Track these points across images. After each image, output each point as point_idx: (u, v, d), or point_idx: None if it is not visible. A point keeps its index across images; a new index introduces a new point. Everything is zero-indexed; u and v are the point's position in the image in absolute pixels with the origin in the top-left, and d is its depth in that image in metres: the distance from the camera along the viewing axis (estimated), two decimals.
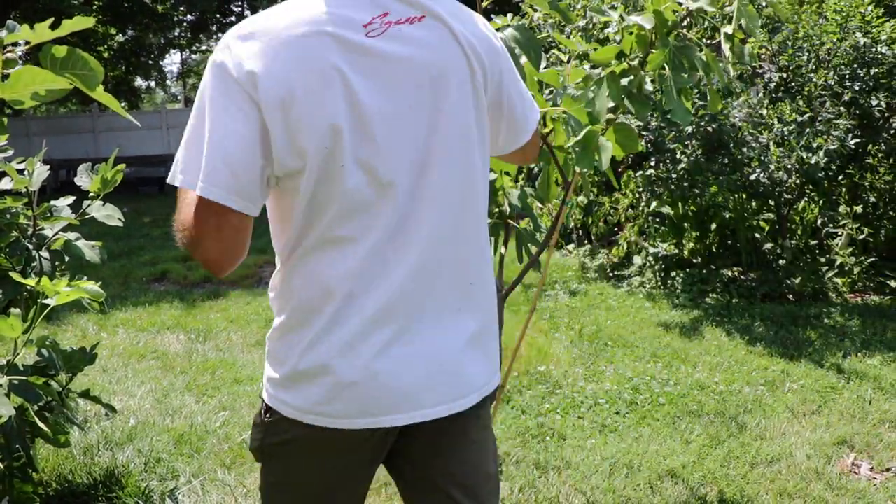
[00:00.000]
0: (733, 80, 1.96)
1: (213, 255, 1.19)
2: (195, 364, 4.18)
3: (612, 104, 1.73)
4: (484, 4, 1.79)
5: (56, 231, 2.35)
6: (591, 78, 1.77)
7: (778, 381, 3.74)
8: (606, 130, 1.75)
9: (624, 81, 1.74)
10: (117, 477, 2.84)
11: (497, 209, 2.22)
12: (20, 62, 1.22)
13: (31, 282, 1.82)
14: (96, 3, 17.65)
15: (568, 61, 2.27)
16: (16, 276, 1.89)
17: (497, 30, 1.62)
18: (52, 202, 2.40)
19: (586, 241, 6.95)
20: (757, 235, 5.70)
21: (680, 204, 5.84)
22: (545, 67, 1.82)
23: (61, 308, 1.85)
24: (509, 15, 1.79)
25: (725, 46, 1.83)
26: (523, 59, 1.61)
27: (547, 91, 2.23)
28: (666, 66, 1.73)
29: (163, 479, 2.87)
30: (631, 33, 1.77)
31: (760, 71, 5.50)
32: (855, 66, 5.08)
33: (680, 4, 1.76)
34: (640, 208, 6.02)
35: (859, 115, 5.16)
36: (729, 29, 1.82)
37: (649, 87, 1.74)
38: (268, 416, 1.29)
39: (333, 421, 1.22)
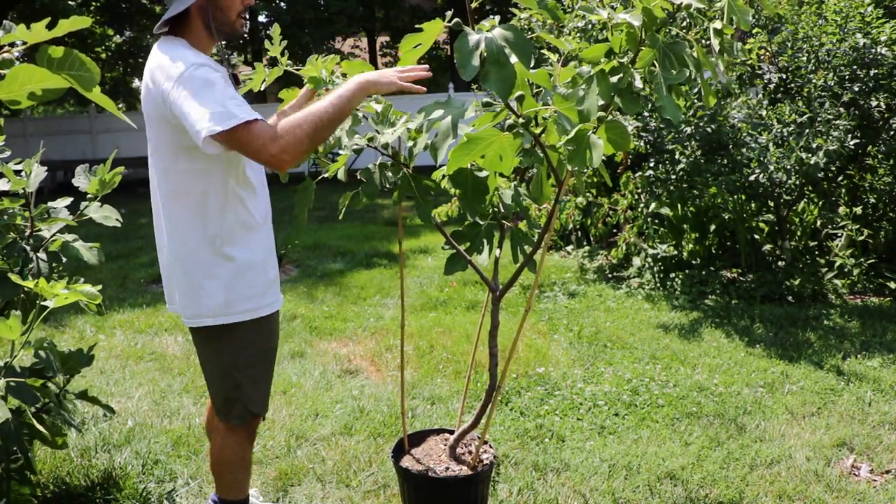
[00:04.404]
0: (727, 77, 1.96)
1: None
2: (193, 365, 4.17)
3: (602, 102, 1.72)
4: (473, 5, 1.78)
5: (53, 232, 2.34)
6: (581, 76, 1.77)
7: (777, 382, 3.74)
8: (598, 128, 1.75)
9: (614, 79, 1.73)
10: (115, 479, 2.83)
11: (492, 209, 2.22)
12: (17, 63, 1.21)
13: (29, 283, 1.81)
14: (94, 3, 17.64)
15: (559, 61, 2.27)
16: (14, 278, 1.89)
17: (486, 31, 1.61)
18: (50, 203, 2.40)
19: (585, 243, 6.94)
20: (756, 237, 5.70)
21: (679, 205, 5.84)
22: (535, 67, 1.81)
23: (59, 309, 1.84)
24: (497, 17, 1.78)
25: (715, 41, 1.82)
26: (513, 59, 1.60)
27: (540, 91, 2.22)
28: (656, 63, 1.72)
29: (161, 480, 2.87)
30: (621, 31, 1.77)
31: (760, 72, 5.50)
32: (854, 66, 5.08)
33: (672, 4, 1.75)
34: (640, 209, 6.02)
35: (859, 115, 5.16)
36: (718, 24, 1.82)
37: (639, 84, 1.73)
38: None
39: None
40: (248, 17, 2.09)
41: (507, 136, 1.75)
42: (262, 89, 2.34)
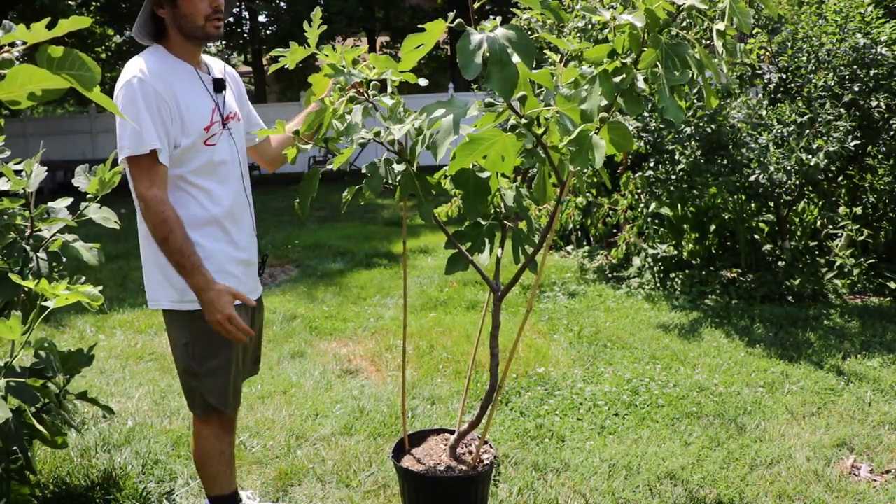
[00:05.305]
0: (729, 78, 1.96)
1: None
2: None
3: (604, 102, 1.72)
4: (476, 5, 1.78)
5: (53, 232, 2.34)
6: (583, 77, 1.77)
7: (777, 382, 3.73)
8: (600, 129, 1.75)
9: (616, 79, 1.73)
10: (115, 479, 2.83)
11: (493, 210, 2.21)
12: (17, 63, 1.21)
13: (29, 283, 1.81)
14: (94, 3, 17.64)
15: (562, 62, 2.27)
16: (14, 278, 1.89)
17: (488, 31, 1.61)
18: (50, 203, 2.40)
19: (585, 243, 6.94)
20: (756, 237, 5.70)
21: (679, 205, 5.84)
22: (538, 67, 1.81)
23: (59, 309, 1.84)
24: (498, 17, 1.78)
25: (718, 43, 1.82)
26: (516, 59, 1.60)
27: (542, 91, 2.22)
28: (658, 64, 1.72)
29: (160, 480, 2.87)
30: (623, 32, 1.77)
31: (760, 72, 5.49)
32: (854, 67, 5.08)
33: (673, 4, 1.75)
34: (640, 209, 6.02)
35: (859, 116, 5.16)
36: (721, 26, 1.82)
37: (641, 84, 1.73)
38: None
39: None
40: (219, 18, 2.12)
41: (510, 136, 1.75)
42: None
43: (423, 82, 2.11)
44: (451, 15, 1.73)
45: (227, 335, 2.06)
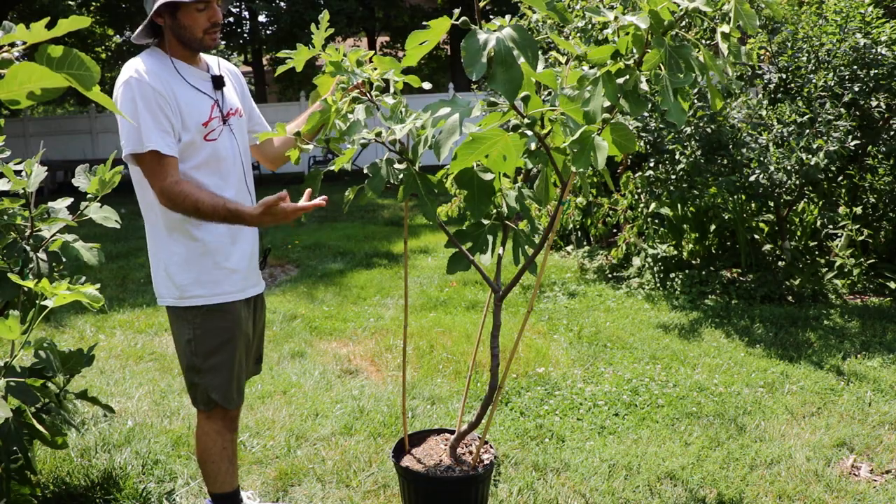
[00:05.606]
0: (732, 80, 1.95)
1: None
2: None
3: (608, 104, 1.72)
4: (482, 5, 1.78)
5: (53, 232, 2.34)
6: (587, 78, 1.76)
7: (777, 382, 3.73)
8: (603, 130, 1.74)
9: (620, 81, 1.73)
10: (115, 479, 2.83)
11: (495, 210, 2.21)
12: (17, 63, 1.21)
13: (30, 283, 1.81)
14: (94, 3, 17.64)
15: (566, 63, 2.27)
16: (14, 278, 1.88)
17: (494, 31, 1.61)
18: (50, 203, 2.40)
19: (585, 243, 6.94)
20: (756, 237, 5.70)
21: (679, 205, 5.83)
22: (543, 69, 1.81)
23: (59, 309, 1.84)
24: (507, 16, 1.78)
25: (723, 45, 1.82)
26: (521, 60, 1.60)
27: (545, 92, 2.22)
28: (662, 66, 1.72)
29: (160, 480, 2.86)
30: (627, 33, 1.76)
31: (760, 72, 5.49)
32: (855, 67, 5.08)
33: (677, 5, 1.75)
34: (640, 209, 6.01)
35: (859, 116, 5.16)
36: (726, 28, 1.81)
37: (645, 86, 1.73)
38: None
39: None
40: (217, 31, 2.17)
41: (512, 136, 1.75)
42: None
43: (426, 86, 2.12)
44: (457, 12, 1.72)
45: (310, 209, 2.00)
